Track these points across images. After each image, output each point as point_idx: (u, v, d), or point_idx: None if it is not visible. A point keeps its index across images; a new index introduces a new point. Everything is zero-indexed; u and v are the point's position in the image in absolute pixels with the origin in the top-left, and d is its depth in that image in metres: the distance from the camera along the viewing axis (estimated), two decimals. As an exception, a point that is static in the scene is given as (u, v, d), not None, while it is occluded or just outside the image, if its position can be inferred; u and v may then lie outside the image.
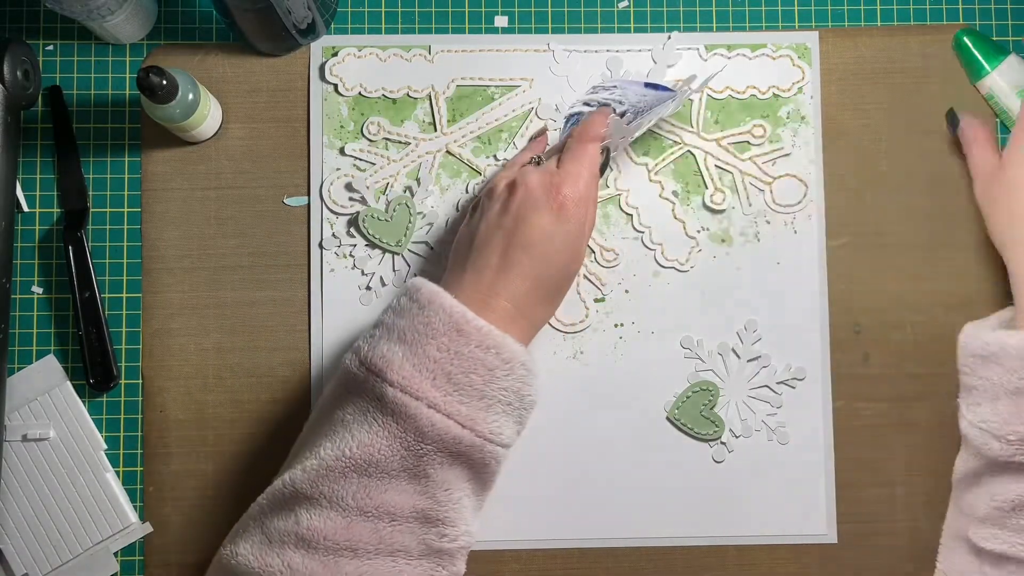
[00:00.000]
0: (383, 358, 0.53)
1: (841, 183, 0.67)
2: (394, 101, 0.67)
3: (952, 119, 0.67)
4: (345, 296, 0.66)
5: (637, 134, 0.64)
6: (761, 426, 0.66)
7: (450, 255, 0.61)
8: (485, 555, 0.65)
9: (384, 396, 0.52)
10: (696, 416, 0.65)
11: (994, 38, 0.69)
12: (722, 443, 0.65)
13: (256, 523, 0.54)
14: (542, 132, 0.66)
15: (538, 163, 0.61)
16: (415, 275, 0.65)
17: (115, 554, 0.65)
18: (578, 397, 0.66)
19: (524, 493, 0.65)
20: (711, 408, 0.65)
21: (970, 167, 0.66)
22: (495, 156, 0.67)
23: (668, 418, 0.66)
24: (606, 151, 0.62)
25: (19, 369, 0.66)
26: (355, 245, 0.66)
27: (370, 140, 0.67)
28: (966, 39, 0.67)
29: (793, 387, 0.66)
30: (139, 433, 0.66)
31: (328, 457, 0.53)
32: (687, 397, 0.65)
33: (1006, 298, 0.67)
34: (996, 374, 0.58)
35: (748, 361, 0.66)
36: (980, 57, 0.66)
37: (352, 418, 0.53)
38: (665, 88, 0.66)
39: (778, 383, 0.66)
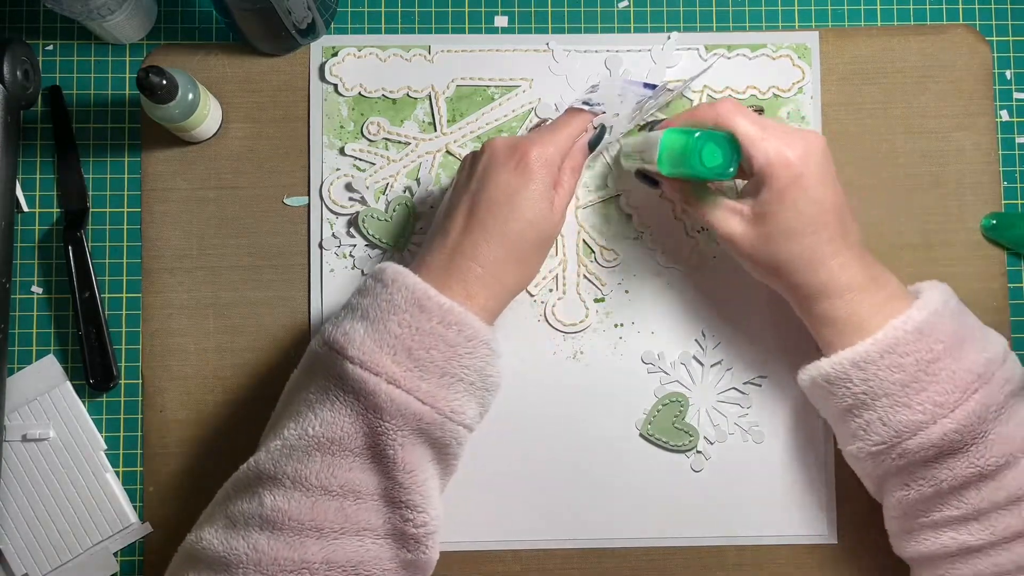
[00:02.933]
0: (345, 335, 0.53)
1: (841, 183, 0.67)
2: (394, 101, 0.67)
3: (645, 183, 0.62)
4: (345, 296, 0.66)
5: (632, 123, 0.63)
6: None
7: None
8: (486, 555, 0.65)
9: (344, 373, 0.52)
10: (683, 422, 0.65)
11: (993, 38, 0.69)
12: (708, 445, 0.66)
13: (220, 508, 0.54)
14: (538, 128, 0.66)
15: None
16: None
17: (115, 554, 0.65)
18: (578, 397, 0.66)
19: (524, 493, 0.65)
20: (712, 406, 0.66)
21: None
22: (495, 156, 0.67)
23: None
24: (600, 127, 0.61)
25: (19, 369, 0.66)
26: (355, 245, 0.66)
27: (370, 140, 0.67)
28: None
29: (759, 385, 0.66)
30: (139, 433, 0.66)
31: (291, 437, 0.52)
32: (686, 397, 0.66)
33: (1006, 298, 0.67)
34: (826, 404, 0.58)
35: (712, 366, 0.66)
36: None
37: (315, 397, 0.53)
38: (666, 89, 0.66)
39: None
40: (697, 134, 0.54)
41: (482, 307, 0.55)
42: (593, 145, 0.61)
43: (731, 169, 0.55)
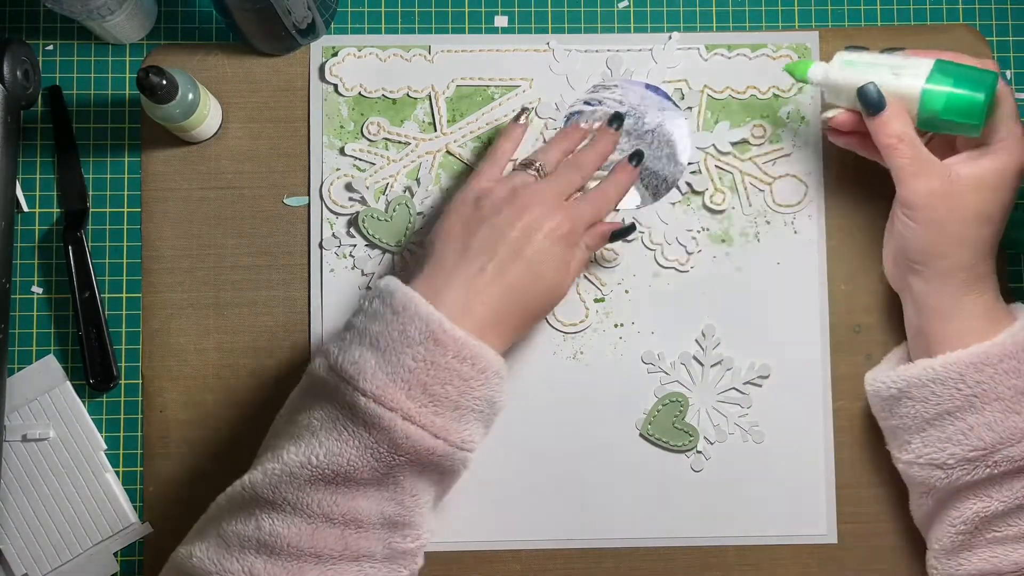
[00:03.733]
0: (355, 365, 0.52)
1: (841, 183, 0.67)
2: (394, 101, 0.67)
3: (869, 97, 0.57)
4: (345, 296, 0.66)
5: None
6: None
7: (432, 246, 0.58)
8: (486, 555, 0.65)
9: (356, 405, 0.51)
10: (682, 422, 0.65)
11: (993, 38, 0.69)
12: (708, 445, 0.66)
13: (213, 526, 0.53)
14: (521, 116, 0.64)
15: (538, 171, 0.60)
16: (384, 275, 0.64)
17: (115, 554, 0.65)
18: (578, 397, 0.66)
19: (524, 493, 0.65)
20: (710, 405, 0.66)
21: (897, 170, 0.58)
22: (495, 156, 0.67)
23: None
24: (631, 225, 0.62)
25: (19, 369, 0.66)
26: (355, 245, 0.66)
27: (370, 140, 0.67)
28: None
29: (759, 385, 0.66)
30: (139, 433, 0.66)
31: (292, 463, 0.52)
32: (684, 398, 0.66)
33: (1006, 298, 0.67)
34: (912, 408, 0.58)
35: (712, 366, 0.66)
36: None
37: (320, 424, 0.52)
38: (665, 94, 0.66)
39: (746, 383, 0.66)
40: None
41: (489, 349, 0.55)
42: (616, 238, 0.62)
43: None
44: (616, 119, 0.64)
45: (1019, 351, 0.56)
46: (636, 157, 0.63)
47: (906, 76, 0.57)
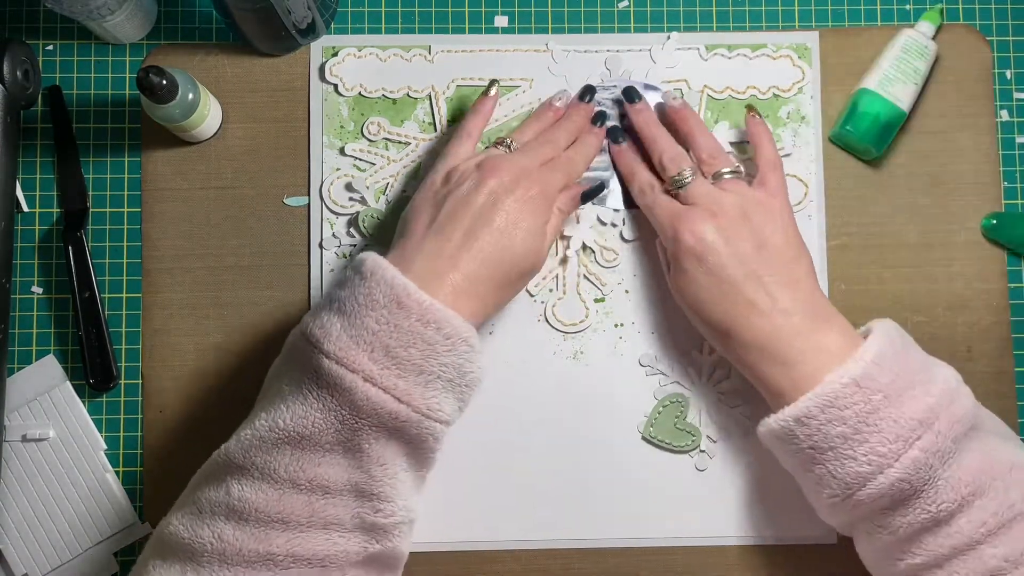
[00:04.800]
0: (322, 328, 0.52)
1: (841, 183, 0.67)
2: (394, 101, 0.67)
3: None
4: (345, 296, 0.66)
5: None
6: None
7: (404, 222, 0.58)
8: (485, 555, 0.65)
9: (320, 368, 0.52)
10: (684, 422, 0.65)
11: (993, 38, 0.69)
12: (711, 444, 0.66)
13: (190, 494, 0.54)
14: (490, 88, 0.63)
15: (508, 147, 0.61)
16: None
17: (115, 554, 0.65)
18: (578, 397, 0.66)
19: (524, 493, 0.65)
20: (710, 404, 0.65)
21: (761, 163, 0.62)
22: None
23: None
24: (599, 184, 0.62)
25: (19, 369, 0.66)
26: (355, 245, 0.66)
27: (370, 140, 0.67)
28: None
29: None
30: (139, 433, 0.66)
31: (261, 428, 0.52)
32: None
33: (1006, 298, 0.67)
34: (783, 458, 0.59)
35: (711, 365, 0.66)
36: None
37: (288, 389, 0.53)
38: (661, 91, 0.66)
39: None
40: None
41: (456, 316, 0.54)
42: (587, 198, 0.62)
43: None
44: (588, 91, 0.65)
45: (837, 399, 0.54)
46: (600, 118, 0.64)
47: None
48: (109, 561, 0.65)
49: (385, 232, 0.66)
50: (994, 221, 0.67)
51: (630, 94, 0.65)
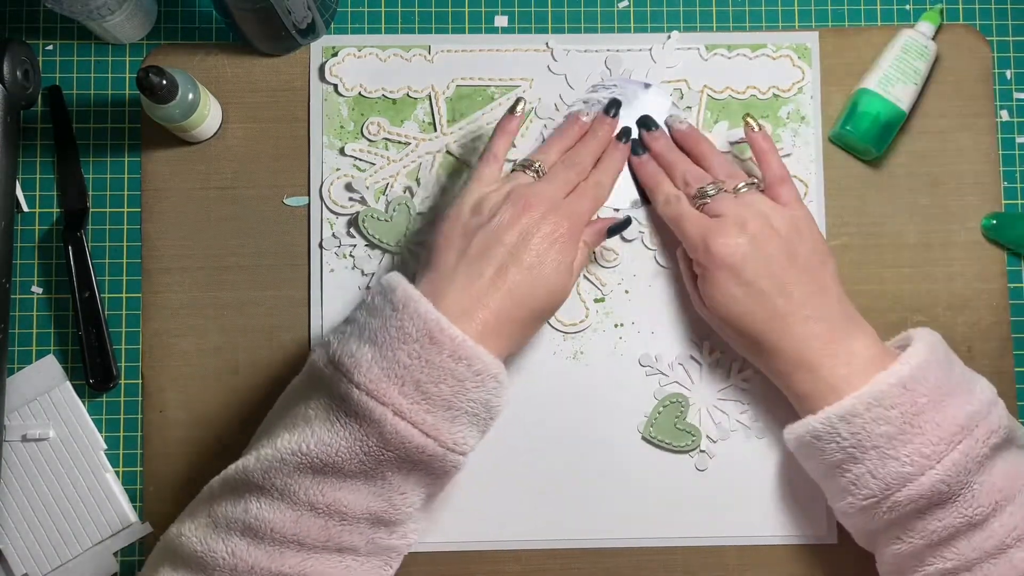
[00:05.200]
0: (351, 357, 0.52)
1: (841, 183, 0.67)
2: (394, 101, 0.67)
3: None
4: (345, 296, 0.66)
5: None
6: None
7: (433, 250, 0.58)
8: (485, 555, 0.65)
9: (349, 397, 0.52)
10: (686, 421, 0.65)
11: (993, 38, 0.69)
12: (711, 444, 0.66)
13: (205, 506, 0.54)
14: (516, 106, 0.62)
15: (537, 172, 0.60)
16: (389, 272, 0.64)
17: (115, 554, 0.65)
18: (579, 397, 0.66)
19: (524, 493, 0.65)
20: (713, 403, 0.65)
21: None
22: (495, 156, 0.67)
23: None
24: (627, 218, 0.62)
25: (19, 369, 0.66)
26: (355, 245, 0.66)
27: (370, 140, 0.67)
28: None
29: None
30: (139, 433, 0.66)
31: (284, 450, 0.52)
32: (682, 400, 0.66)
33: (1006, 298, 0.67)
34: (811, 462, 0.59)
35: (711, 365, 0.66)
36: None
37: (315, 414, 0.53)
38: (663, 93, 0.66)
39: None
40: None
41: (487, 352, 0.54)
42: (612, 233, 0.62)
43: None
44: (613, 105, 0.64)
45: (884, 398, 0.55)
46: (625, 135, 0.64)
47: None
48: (109, 561, 0.65)
49: (385, 232, 0.66)
50: (994, 221, 0.67)
51: (646, 122, 0.65)
